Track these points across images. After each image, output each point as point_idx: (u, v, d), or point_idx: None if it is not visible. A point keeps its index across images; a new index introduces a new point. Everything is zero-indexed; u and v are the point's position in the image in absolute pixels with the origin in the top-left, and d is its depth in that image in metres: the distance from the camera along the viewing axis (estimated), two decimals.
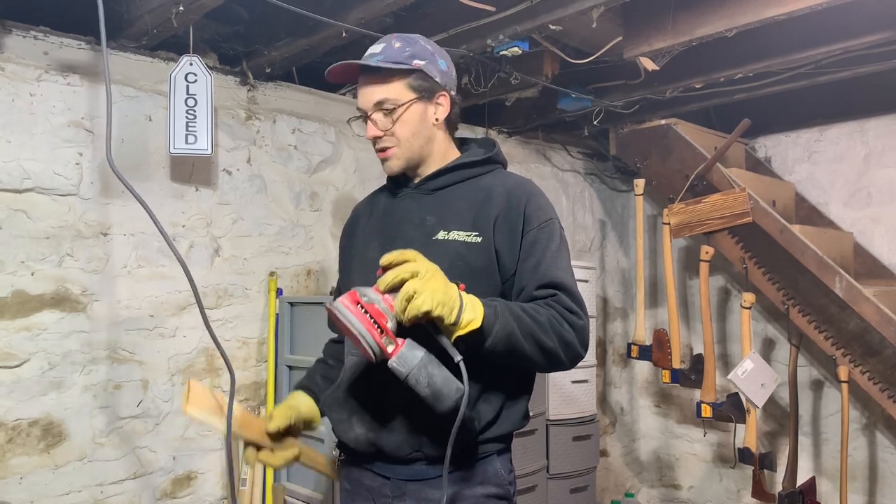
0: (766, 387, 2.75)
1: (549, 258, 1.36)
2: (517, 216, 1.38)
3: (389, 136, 1.41)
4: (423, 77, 1.40)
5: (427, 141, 1.44)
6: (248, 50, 2.56)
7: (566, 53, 2.63)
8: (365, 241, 1.50)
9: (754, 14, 2.17)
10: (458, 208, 1.41)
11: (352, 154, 2.95)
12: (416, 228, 1.41)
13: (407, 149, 1.42)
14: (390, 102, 1.39)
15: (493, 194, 1.41)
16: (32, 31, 2.20)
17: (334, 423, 1.45)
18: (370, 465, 1.41)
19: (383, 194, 1.57)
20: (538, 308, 1.29)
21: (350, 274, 1.52)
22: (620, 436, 4.07)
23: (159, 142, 2.42)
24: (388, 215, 1.49)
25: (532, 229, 1.38)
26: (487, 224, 1.38)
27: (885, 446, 3.12)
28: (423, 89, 1.41)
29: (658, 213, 3.81)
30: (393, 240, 1.41)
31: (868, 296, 2.62)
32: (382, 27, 2.29)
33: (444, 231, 1.38)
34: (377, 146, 1.43)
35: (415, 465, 1.36)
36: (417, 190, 1.46)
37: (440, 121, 1.44)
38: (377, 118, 1.40)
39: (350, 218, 1.63)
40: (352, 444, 1.40)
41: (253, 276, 2.67)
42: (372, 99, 1.40)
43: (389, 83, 1.39)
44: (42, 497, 2.19)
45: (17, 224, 2.17)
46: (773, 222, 2.84)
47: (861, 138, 3.24)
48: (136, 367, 2.39)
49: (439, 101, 1.43)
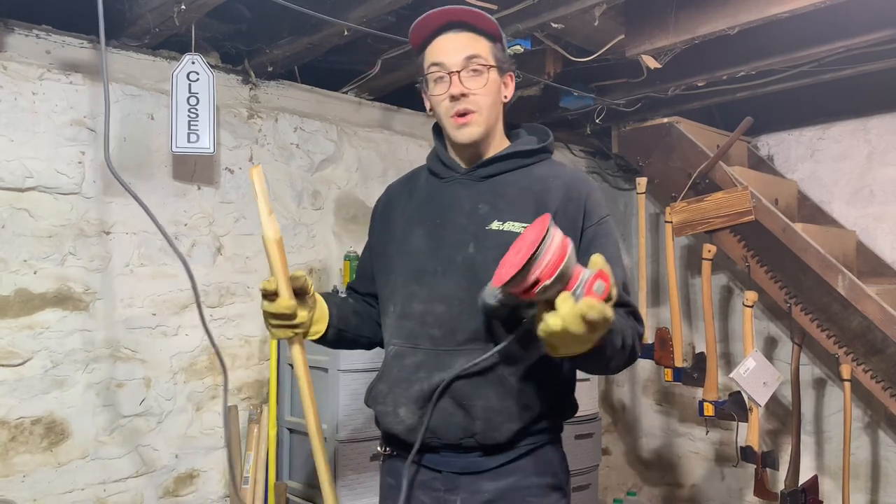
0: (768, 385, 2.74)
1: (612, 257, 1.29)
2: (577, 210, 1.33)
3: (474, 97, 1.31)
4: (501, 49, 1.35)
5: (497, 117, 1.37)
6: (250, 48, 2.56)
7: (568, 52, 2.63)
8: (405, 227, 1.43)
9: (757, 12, 2.16)
10: (513, 198, 1.35)
11: (354, 152, 2.95)
12: (467, 217, 1.35)
13: (486, 117, 1.34)
14: (482, 60, 1.31)
15: (550, 186, 1.35)
16: (35, 29, 2.20)
17: (380, 415, 1.40)
18: (419, 458, 1.35)
19: (423, 176, 1.48)
20: (625, 326, 1.23)
21: (388, 261, 1.44)
22: (622, 434, 4.07)
23: (161, 140, 2.42)
24: (433, 201, 1.41)
25: (592, 225, 1.34)
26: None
27: (887, 445, 3.11)
28: (502, 61, 1.35)
29: (660, 211, 3.80)
30: (440, 227, 1.36)
31: (871, 294, 2.62)
32: (384, 25, 2.29)
33: (499, 221, 1.32)
34: (458, 108, 1.32)
35: (468, 456, 1.32)
36: (468, 176, 1.39)
37: (507, 100, 1.38)
38: (464, 75, 1.30)
39: (384, 199, 1.55)
40: (403, 435, 1.34)
41: (255, 274, 2.67)
42: (463, 52, 1.30)
43: (479, 40, 1.32)
44: (45, 495, 2.19)
45: (20, 223, 2.17)
46: (776, 221, 2.83)
47: (864, 136, 3.23)
48: (139, 366, 2.39)
49: (507, 80, 1.38)
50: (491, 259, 1.26)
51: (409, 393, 1.34)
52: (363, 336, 1.52)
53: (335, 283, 2.84)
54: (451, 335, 1.33)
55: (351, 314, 1.49)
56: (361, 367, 2.38)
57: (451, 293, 1.33)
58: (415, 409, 1.33)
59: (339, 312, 1.45)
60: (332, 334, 1.43)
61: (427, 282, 1.36)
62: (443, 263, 1.35)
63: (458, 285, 1.33)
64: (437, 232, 1.35)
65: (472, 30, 1.32)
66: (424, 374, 1.33)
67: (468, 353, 1.31)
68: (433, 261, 1.36)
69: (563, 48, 2.61)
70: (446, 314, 1.33)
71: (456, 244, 1.35)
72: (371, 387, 1.44)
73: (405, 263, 1.40)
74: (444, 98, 1.33)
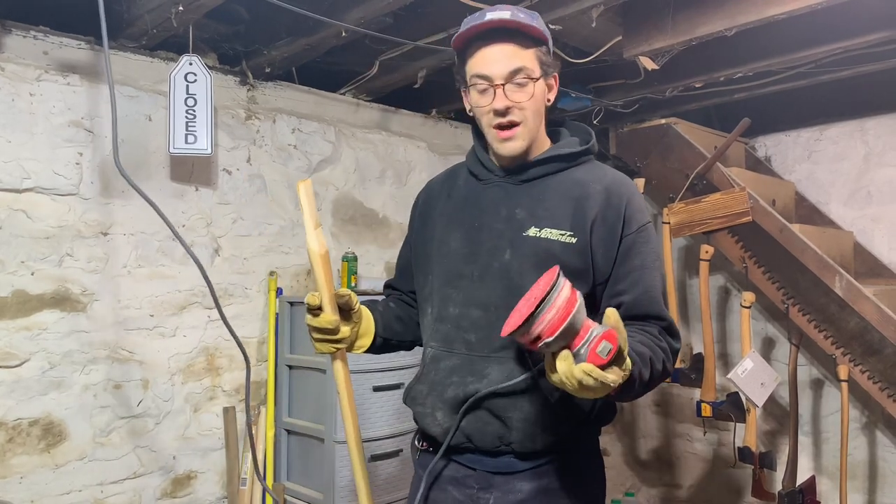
0: (765, 386, 2.75)
1: (650, 267, 1.29)
2: (616, 217, 1.30)
3: (519, 112, 1.28)
4: (547, 52, 1.31)
5: (540, 123, 1.35)
6: (248, 49, 2.56)
7: (566, 53, 2.63)
8: (445, 228, 1.41)
9: (754, 13, 2.17)
10: (551, 204, 1.32)
11: (352, 154, 2.95)
12: (504, 222, 1.33)
13: (531, 129, 1.31)
14: (527, 73, 1.27)
15: (590, 191, 1.32)
16: (32, 30, 2.20)
17: (418, 416, 1.41)
18: (458, 456, 1.36)
19: (462, 176, 1.46)
20: (656, 350, 1.22)
21: (427, 261, 1.43)
22: (620, 435, 4.07)
23: (159, 141, 2.42)
24: (471, 203, 1.40)
25: (631, 233, 1.31)
26: (584, 224, 1.29)
27: (884, 445, 3.11)
28: (547, 65, 1.31)
29: (658, 212, 3.81)
30: (478, 231, 1.34)
31: (868, 295, 2.62)
32: (382, 27, 2.29)
33: (536, 228, 1.30)
34: (502, 120, 1.29)
35: (503, 457, 1.32)
36: (507, 179, 1.37)
37: (550, 102, 1.36)
38: (509, 89, 1.27)
39: (423, 196, 1.53)
40: (441, 438, 1.35)
41: (253, 275, 2.67)
42: (509, 66, 1.26)
43: (523, 51, 1.28)
44: (42, 496, 2.19)
45: (18, 224, 2.17)
46: (773, 221, 2.84)
47: (861, 137, 3.24)
48: (137, 367, 2.39)
49: (551, 81, 1.35)
50: (527, 266, 1.27)
51: (445, 397, 1.35)
52: (406, 341, 1.54)
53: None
54: (487, 341, 1.33)
55: (394, 321, 1.50)
56: (361, 368, 2.38)
57: (488, 299, 1.33)
58: (451, 413, 1.34)
59: (383, 321, 1.46)
60: (377, 344, 1.45)
61: (464, 286, 1.36)
62: (480, 269, 1.35)
63: (494, 292, 1.33)
64: (475, 236, 1.34)
65: (518, 37, 1.28)
66: (458, 378, 1.34)
67: (501, 360, 1.31)
68: (470, 265, 1.36)
69: (561, 49, 2.62)
70: (482, 320, 1.33)
71: (493, 249, 1.34)
72: (410, 387, 1.44)
73: (442, 266, 1.39)
74: (489, 110, 1.31)
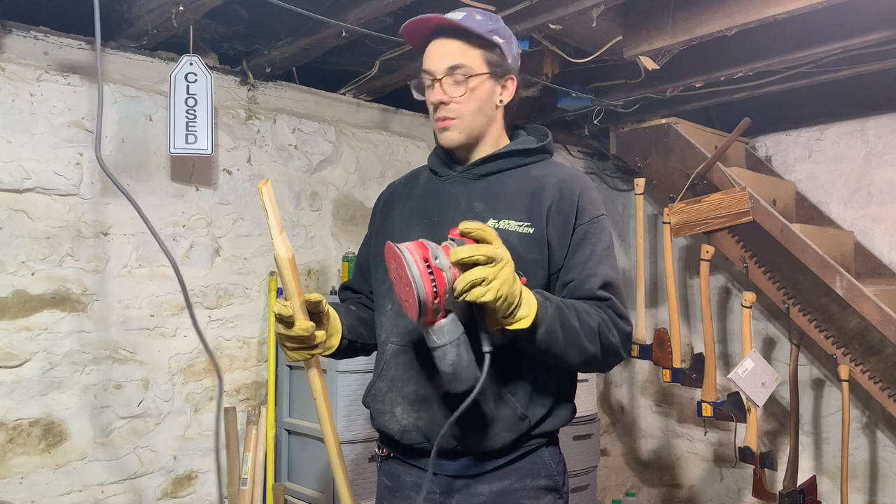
0: (766, 386, 2.75)
1: (599, 255, 1.33)
2: (570, 208, 1.35)
3: (455, 106, 1.35)
4: (499, 54, 1.36)
5: (488, 121, 1.39)
6: (249, 49, 2.56)
7: (566, 53, 2.63)
8: (405, 224, 1.44)
9: (754, 13, 2.17)
10: (509, 196, 1.37)
11: (352, 153, 2.95)
12: (464, 214, 1.36)
13: (469, 124, 1.37)
14: (465, 70, 1.33)
15: (545, 184, 1.37)
16: (32, 31, 2.20)
17: (376, 413, 1.41)
18: (415, 460, 1.37)
19: (423, 175, 1.51)
20: (590, 311, 1.26)
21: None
22: (621, 435, 4.07)
23: (160, 142, 2.43)
24: (431, 198, 1.44)
25: (584, 223, 1.34)
26: (540, 215, 1.34)
27: (885, 445, 3.11)
28: (498, 66, 1.36)
29: (658, 212, 3.81)
30: (437, 225, 1.37)
31: (869, 295, 2.62)
32: (382, 27, 2.29)
33: (494, 219, 1.34)
34: (438, 114, 1.37)
35: (462, 459, 1.33)
36: (465, 174, 1.41)
37: (503, 104, 1.40)
38: (447, 83, 1.34)
39: (385, 196, 1.57)
40: (397, 436, 1.36)
41: (253, 275, 2.67)
42: (447, 62, 1.34)
43: (468, 50, 1.34)
44: (43, 497, 2.19)
45: (18, 224, 2.17)
46: (774, 221, 2.84)
47: (861, 137, 3.24)
48: (137, 367, 2.39)
49: (507, 83, 1.40)
50: None
51: (405, 392, 1.35)
52: (368, 344, 1.52)
53: (333, 285, 2.84)
54: None
55: (358, 323, 1.49)
56: (361, 368, 2.38)
57: None
58: (410, 409, 1.34)
59: (348, 323, 1.44)
60: (342, 347, 1.42)
61: None
62: None
63: None
64: (435, 230, 1.35)
65: (465, 36, 1.34)
66: (415, 372, 1.34)
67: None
68: None
69: (561, 49, 2.62)
70: None
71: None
72: (370, 385, 1.44)
73: None
74: (430, 104, 1.39)
